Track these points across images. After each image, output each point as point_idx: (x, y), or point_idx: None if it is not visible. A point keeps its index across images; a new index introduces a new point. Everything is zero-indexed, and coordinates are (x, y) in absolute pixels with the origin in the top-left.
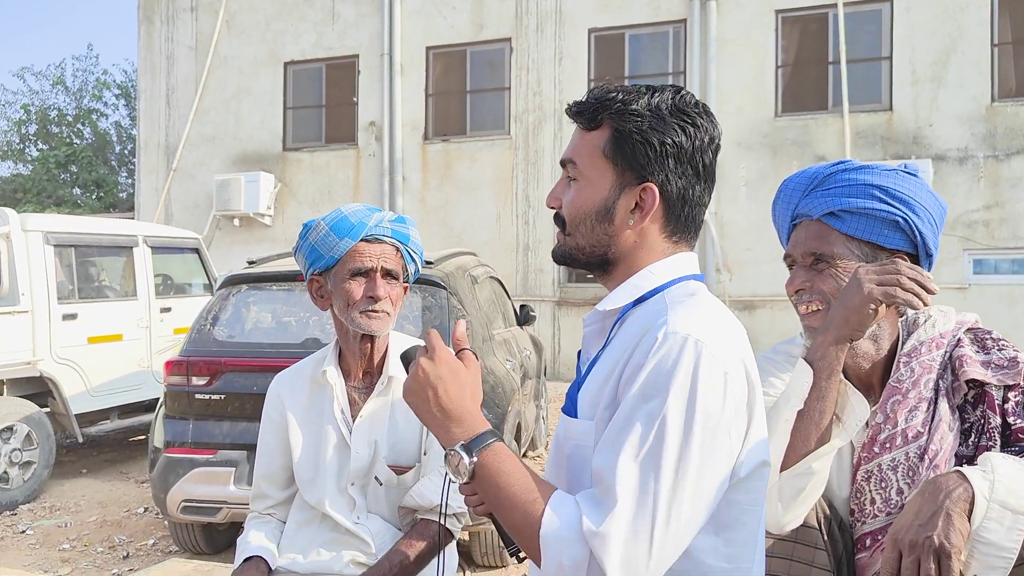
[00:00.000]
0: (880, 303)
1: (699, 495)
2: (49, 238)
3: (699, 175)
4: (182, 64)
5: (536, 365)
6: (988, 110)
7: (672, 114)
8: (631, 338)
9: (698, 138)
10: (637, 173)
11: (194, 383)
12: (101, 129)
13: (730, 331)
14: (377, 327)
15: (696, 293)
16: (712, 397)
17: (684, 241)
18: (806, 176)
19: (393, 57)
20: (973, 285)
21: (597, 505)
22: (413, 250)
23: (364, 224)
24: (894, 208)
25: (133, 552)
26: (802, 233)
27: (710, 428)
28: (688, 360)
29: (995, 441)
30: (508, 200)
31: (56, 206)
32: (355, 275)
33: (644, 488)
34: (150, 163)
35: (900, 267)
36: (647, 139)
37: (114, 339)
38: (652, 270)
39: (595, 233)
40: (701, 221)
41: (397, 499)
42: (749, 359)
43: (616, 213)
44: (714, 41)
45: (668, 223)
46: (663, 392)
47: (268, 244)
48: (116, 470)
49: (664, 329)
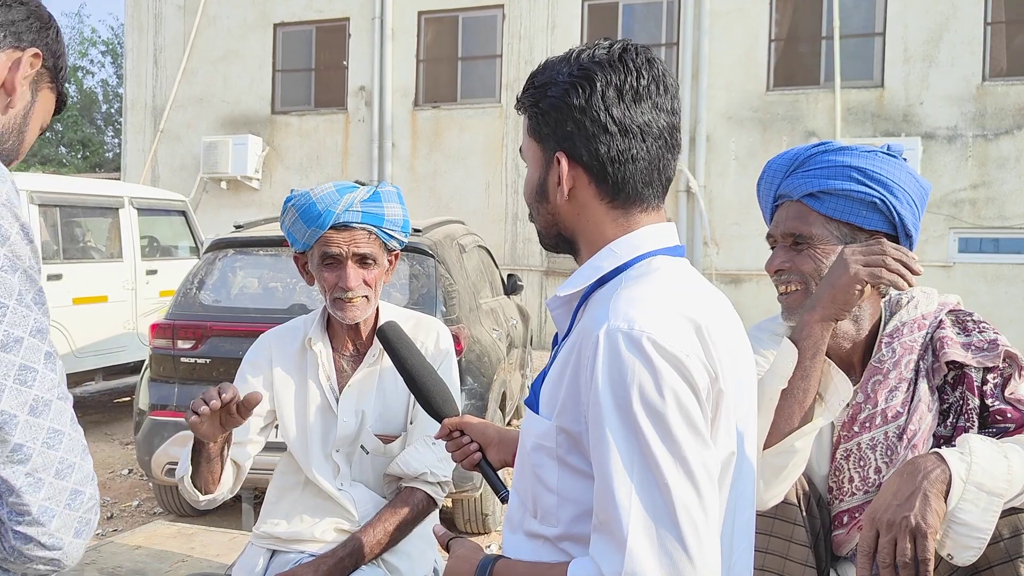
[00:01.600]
0: (866, 284)
1: (709, 477)
2: (34, 197)
3: (606, 130)
4: (170, 24)
5: (522, 335)
6: (979, 89)
7: (570, 75)
8: (583, 328)
9: (596, 92)
10: (550, 145)
11: (180, 347)
12: (87, 88)
13: (685, 311)
14: (352, 316)
15: (657, 270)
16: (675, 383)
17: (633, 204)
18: (788, 157)
19: (384, 21)
20: (957, 263)
21: (609, 550)
22: (390, 229)
23: (331, 212)
24: (872, 190)
25: (117, 513)
26: (783, 213)
27: (687, 413)
28: (636, 357)
29: (973, 422)
30: (497, 169)
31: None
32: (326, 261)
33: (652, 504)
34: (137, 123)
35: (886, 248)
36: (546, 108)
37: (99, 300)
38: (614, 248)
39: (541, 214)
40: (647, 178)
41: (383, 468)
42: (717, 338)
43: (548, 190)
44: (708, 14)
45: (601, 188)
46: (624, 400)
47: (255, 208)
48: (100, 431)
49: (605, 327)
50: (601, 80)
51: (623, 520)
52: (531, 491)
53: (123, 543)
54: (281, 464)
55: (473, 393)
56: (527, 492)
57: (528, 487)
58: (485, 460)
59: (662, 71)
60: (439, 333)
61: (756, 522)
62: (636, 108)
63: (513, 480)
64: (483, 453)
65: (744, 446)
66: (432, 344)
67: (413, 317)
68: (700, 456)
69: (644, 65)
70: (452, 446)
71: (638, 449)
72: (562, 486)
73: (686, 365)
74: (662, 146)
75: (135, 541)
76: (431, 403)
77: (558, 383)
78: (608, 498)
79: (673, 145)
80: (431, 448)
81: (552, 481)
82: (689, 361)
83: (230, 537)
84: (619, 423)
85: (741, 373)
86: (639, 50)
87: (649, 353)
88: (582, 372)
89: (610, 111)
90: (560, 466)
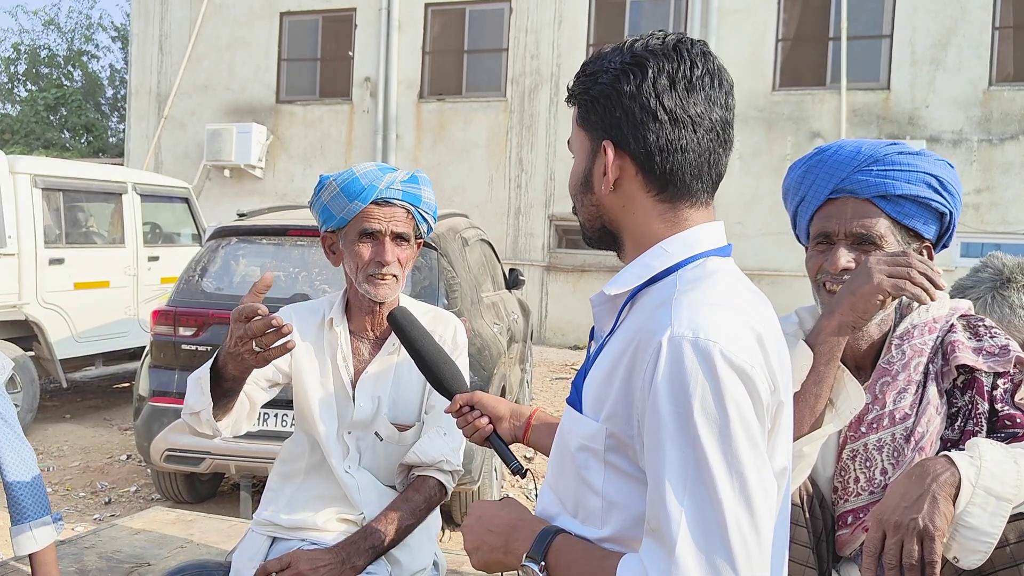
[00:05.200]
0: (888, 295)
1: (765, 495)
2: (37, 181)
3: (656, 117)
4: (176, 10)
5: (523, 329)
6: (985, 94)
7: (622, 62)
8: (637, 327)
9: (647, 79)
10: (597, 134)
11: (181, 334)
12: (92, 72)
13: (748, 320)
14: (383, 294)
15: (714, 272)
16: (740, 395)
17: (681, 199)
18: (855, 150)
19: (391, 12)
20: (960, 268)
21: (658, 558)
22: (425, 211)
23: (375, 187)
24: (945, 200)
25: (115, 498)
26: (846, 210)
27: (748, 427)
28: (701, 367)
29: (981, 426)
30: (501, 163)
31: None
32: (364, 237)
33: (704, 519)
34: (141, 109)
35: (912, 260)
36: (595, 94)
37: (101, 285)
38: (666, 246)
39: (585, 206)
40: (696, 171)
41: (393, 456)
42: (773, 348)
43: (593, 180)
44: (716, 12)
45: (648, 179)
46: (685, 409)
47: (258, 197)
48: (100, 417)
49: (668, 332)
50: (653, 67)
51: (673, 531)
52: (573, 491)
53: (122, 528)
54: (284, 451)
55: (473, 387)
56: (567, 491)
57: (569, 487)
58: (496, 434)
59: (718, 66)
60: (456, 327)
61: None
62: (688, 98)
63: (548, 476)
64: (494, 428)
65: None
66: (450, 338)
67: (431, 311)
68: (759, 473)
69: (699, 56)
70: (462, 421)
71: (694, 460)
72: (608, 489)
73: (751, 376)
74: (713, 139)
75: (134, 526)
76: (441, 380)
77: (606, 384)
78: (660, 507)
79: (725, 140)
80: (443, 438)
81: (598, 483)
82: (754, 372)
83: (229, 524)
84: (677, 432)
85: (789, 382)
86: (695, 43)
87: (715, 363)
88: (637, 376)
89: (661, 98)
90: (607, 468)
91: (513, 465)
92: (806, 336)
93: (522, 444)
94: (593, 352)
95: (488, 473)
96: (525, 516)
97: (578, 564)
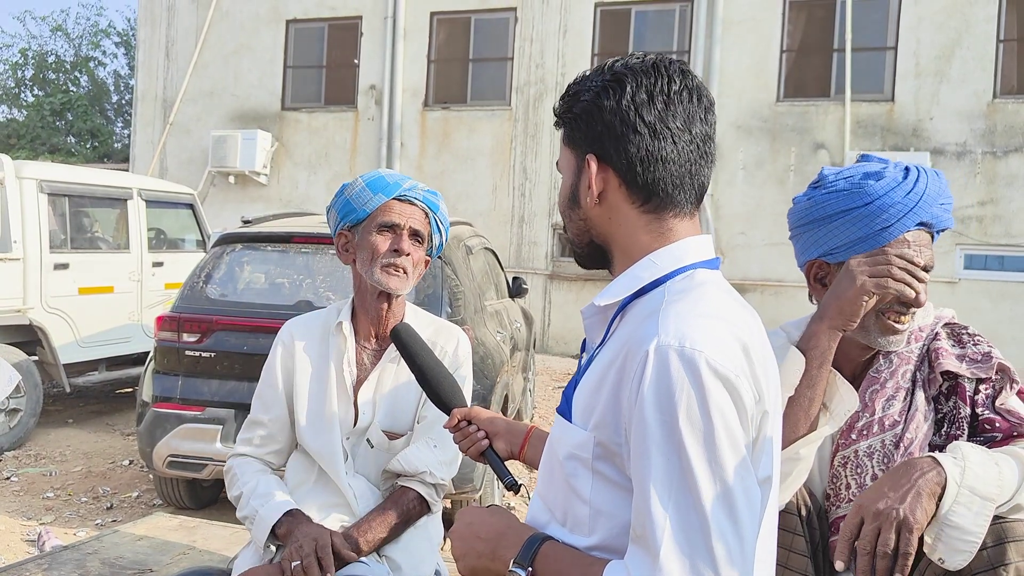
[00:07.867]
0: (872, 294)
1: (749, 502)
2: (43, 186)
3: (636, 130)
4: (183, 16)
5: (526, 338)
6: (989, 106)
7: (602, 80)
8: (626, 338)
9: (626, 94)
10: (581, 149)
11: (185, 340)
12: (99, 78)
13: (734, 330)
14: (395, 285)
15: (702, 284)
16: (724, 404)
17: (665, 209)
18: (935, 182)
19: (397, 20)
20: (963, 280)
21: (642, 564)
22: (441, 220)
23: (399, 185)
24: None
25: (117, 503)
26: (924, 242)
27: (733, 435)
28: (687, 375)
29: (963, 430)
30: (505, 171)
31: (50, 154)
32: (383, 229)
33: (688, 526)
34: (147, 115)
35: (890, 258)
36: (577, 112)
37: (105, 291)
38: (655, 259)
39: (573, 221)
40: (678, 182)
41: (383, 463)
42: (759, 358)
43: (580, 195)
44: (720, 22)
45: (631, 191)
46: (671, 417)
47: (262, 203)
48: (102, 422)
49: (655, 342)
50: (632, 83)
51: (658, 537)
52: (561, 499)
53: (125, 534)
54: (291, 462)
55: (476, 395)
56: (556, 499)
57: (558, 495)
58: (491, 449)
59: (697, 83)
60: (459, 340)
61: None
62: (667, 111)
63: (538, 486)
64: (490, 443)
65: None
66: (452, 350)
67: (436, 322)
68: (743, 481)
69: (677, 73)
70: (460, 435)
71: (679, 468)
72: (596, 497)
73: (736, 385)
74: (694, 151)
75: (137, 532)
76: (440, 395)
77: (595, 394)
78: (645, 513)
79: (706, 152)
80: (433, 450)
81: (586, 491)
82: (739, 381)
83: (231, 531)
84: (663, 440)
85: (776, 393)
86: (672, 62)
87: (701, 371)
88: (625, 386)
89: (640, 112)
90: (595, 477)
91: (507, 480)
92: (796, 343)
93: (518, 461)
94: (584, 363)
95: (491, 482)
96: (513, 523)
97: (565, 571)
